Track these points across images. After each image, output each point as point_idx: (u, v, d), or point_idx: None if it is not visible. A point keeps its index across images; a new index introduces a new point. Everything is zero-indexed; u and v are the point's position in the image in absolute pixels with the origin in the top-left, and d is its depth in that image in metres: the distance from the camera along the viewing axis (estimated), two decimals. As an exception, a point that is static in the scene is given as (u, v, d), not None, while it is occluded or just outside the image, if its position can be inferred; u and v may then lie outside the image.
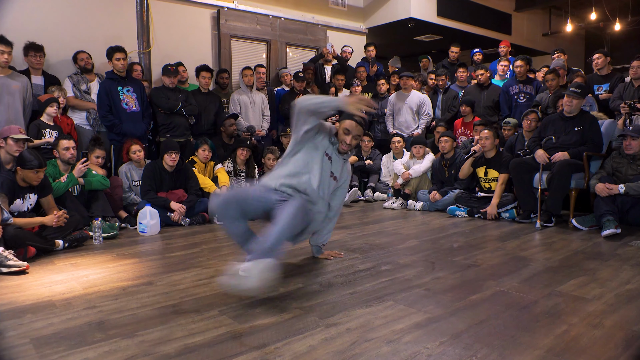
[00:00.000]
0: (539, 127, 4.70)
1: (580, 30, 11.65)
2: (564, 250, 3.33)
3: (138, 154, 4.80)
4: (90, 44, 5.37)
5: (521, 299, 2.33)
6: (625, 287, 2.48)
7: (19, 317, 2.17)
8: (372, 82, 7.13)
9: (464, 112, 6.09)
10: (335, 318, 2.08)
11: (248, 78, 6.01)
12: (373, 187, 6.24)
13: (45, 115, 4.53)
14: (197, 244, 3.76)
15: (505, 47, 7.12)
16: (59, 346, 1.84)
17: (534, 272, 2.79)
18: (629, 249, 3.31)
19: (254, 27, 7.20)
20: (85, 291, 2.55)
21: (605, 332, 1.91)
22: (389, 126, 6.60)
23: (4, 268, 2.87)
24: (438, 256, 3.20)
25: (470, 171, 4.95)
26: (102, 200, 4.31)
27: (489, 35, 9.56)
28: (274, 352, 1.76)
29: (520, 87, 5.87)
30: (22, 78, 4.64)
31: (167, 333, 1.96)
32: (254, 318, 2.11)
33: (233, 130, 5.75)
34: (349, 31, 8.52)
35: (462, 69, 6.82)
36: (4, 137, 3.87)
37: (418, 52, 8.94)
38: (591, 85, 5.36)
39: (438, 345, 1.81)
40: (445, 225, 4.41)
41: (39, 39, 4.92)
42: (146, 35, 5.96)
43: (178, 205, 4.49)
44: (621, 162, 4.10)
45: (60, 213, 3.52)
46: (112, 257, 3.35)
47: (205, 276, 2.80)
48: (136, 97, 5.07)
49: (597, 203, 3.91)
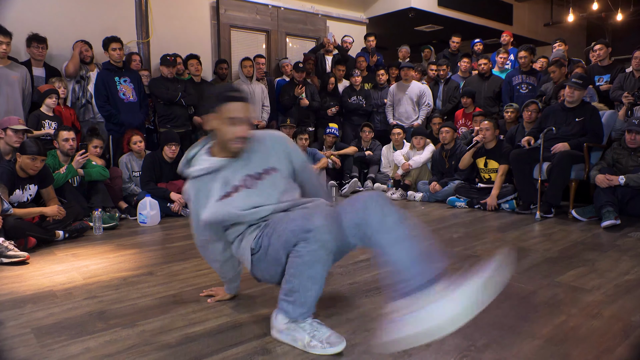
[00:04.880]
0: (539, 117, 4.69)
1: (581, 21, 11.56)
2: (563, 241, 3.33)
3: (139, 145, 4.80)
4: (90, 34, 5.33)
5: (520, 289, 2.33)
6: (624, 278, 2.48)
7: (20, 307, 2.18)
8: (372, 72, 7.10)
9: (465, 104, 6.06)
10: (335, 308, 2.08)
11: (247, 69, 5.98)
12: (373, 178, 6.24)
13: (44, 107, 4.52)
14: (197, 234, 3.76)
15: (508, 36, 7.07)
16: (60, 336, 1.85)
17: (534, 263, 2.79)
18: (628, 240, 3.31)
19: (254, 17, 7.15)
20: (86, 281, 2.56)
21: (603, 323, 1.92)
22: (389, 117, 6.58)
23: (4, 258, 2.88)
24: (438, 246, 3.19)
25: (471, 162, 4.94)
26: (102, 191, 4.31)
27: (490, 25, 9.49)
28: (274, 341, 1.77)
29: (523, 77, 5.83)
30: (21, 69, 4.62)
31: (168, 323, 1.97)
32: (254, 308, 2.12)
33: None
34: (349, 21, 8.46)
35: (465, 59, 6.77)
36: (3, 127, 3.86)
37: (419, 43, 8.89)
38: (592, 76, 5.33)
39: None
40: (445, 216, 4.41)
41: (40, 30, 4.89)
42: (145, 25, 5.92)
43: (178, 196, 4.49)
44: (622, 154, 4.09)
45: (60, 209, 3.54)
46: (112, 247, 3.36)
47: (206, 266, 2.80)
48: (133, 88, 5.06)
49: (597, 194, 3.91)
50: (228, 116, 1.75)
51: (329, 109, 6.47)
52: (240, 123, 1.76)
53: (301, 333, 1.69)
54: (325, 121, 6.50)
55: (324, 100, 6.55)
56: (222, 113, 1.76)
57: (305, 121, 6.41)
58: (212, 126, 1.80)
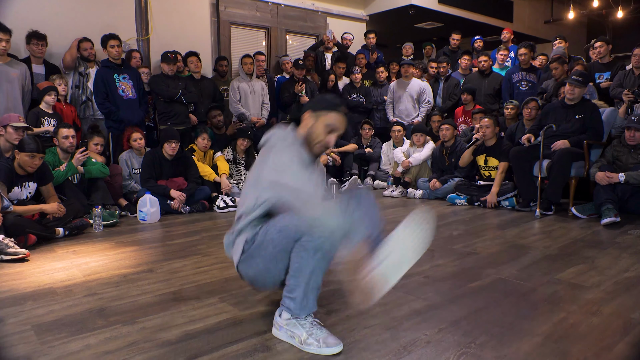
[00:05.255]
0: (539, 115, 4.69)
1: (582, 18, 11.54)
2: (563, 239, 3.34)
3: (139, 142, 4.80)
4: (90, 31, 5.31)
5: (520, 286, 2.34)
6: (623, 275, 2.49)
7: (20, 304, 2.18)
8: (372, 69, 7.09)
9: (465, 100, 6.06)
10: (335, 305, 2.09)
11: (248, 66, 5.97)
12: (373, 175, 6.24)
13: (43, 104, 4.51)
14: (197, 231, 3.77)
15: (508, 34, 7.06)
16: (60, 332, 1.85)
17: (533, 260, 2.79)
18: (628, 237, 3.32)
19: (254, 14, 7.14)
20: (86, 278, 2.56)
21: (603, 320, 1.92)
22: (389, 114, 6.57)
23: (4, 256, 2.88)
24: (437, 244, 3.20)
25: (471, 159, 4.94)
26: (102, 188, 4.31)
27: (490, 22, 9.48)
28: (274, 338, 1.78)
29: (523, 74, 5.83)
30: (21, 66, 4.61)
31: (168, 320, 1.97)
32: (255, 305, 2.12)
33: (218, 121, 5.70)
34: (349, 18, 8.44)
35: (466, 57, 6.76)
36: (3, 125, 3.86)
37: (419, 40, 8.87)
38: (592, 73, 5.32)
39: (437, 332, 1.82)
40: (445, 214, 4.41)
41: (40, 27, 4.88)
42: (145, 22, 5.91)
43: (178, 193, 4.49)
44: (622, 151, 4.09)
45: (60, 207, 3.54)
46: (112, 244, 3.36)
47: (206, 263, 2.80)
48: (132, 85, 5.06)
49: (597, 191, 3.91)
50: (329, 122, 1.86)
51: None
52: (334, 133, 1.88)
53: (299, 330, 1.71)
54: (325, 118, 6.49)
55: (323, 98, 6.54)
56: (326, 118, 1.87)
57: (305, 118, 6.39)
58: (309, 124, 1.89)
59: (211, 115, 5.66)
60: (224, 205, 4.68)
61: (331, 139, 1.89)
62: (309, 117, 1.90)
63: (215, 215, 4.48)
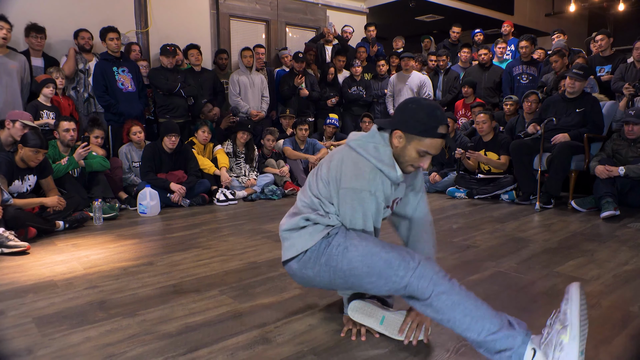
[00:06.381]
0: (539, 108, 4.68)
1: (583, 11, 11.47)
2: (562, 232, 3.34)
3: (139, 135, 4.79)
4: (89, 24, 5.28)
5: (519, 279, 2.34)
6: (623, 268, 2.49)
7: (21, 296, 2.19)
8: (372, 62, 7.07)
9: (466, 94, 6.04)
10: (335, 298, 2.09)
11: (247, 59, 5.95)
12: (373, 169, 6.23)
13: (42, 96, 4.49)
14: (197, 224, 3.77)
15: (509, 26, 7.03)
16: (61, 325, 1.86)
17: (533, 253, 2.80)
18: (627, 231, 3.32)
19: (253, 6, 7.10)
20: (87, 271, 2.56)
21: (602, 313, 1.93)
22: (390, 107, 6.55)
23: (5, 249, 2.88)
24: (437, 237, 3.17)
25: (477, 163, 4.91)
26: (102, 181, 4.31)
27: (491, 15, 9.42)
28: (274, 331, 1.78)
29: (524, 67, 5.81)
30: (20, 57, 4.59)
31: (168, 312, 1.98)
32: (254, 298, 2.13)
33: (213, 115, 5.68)
34: (349, 11, 8.39)
35: (466, 49, 6.74)
36: (13, 119, 3.86)
37: (419, 33, 8.83)
38: (593, 66, 5.30)
39: (436, 324, 1.82)
40: (445, 207, 4.42)
41: (38, 20, 4.85)
42: (144, 15, 5.88)
43: (178, 187, 4.49)
44: (621, 144, 4.08)
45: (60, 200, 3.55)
46: (112, 237, 3.36)
47: (206, 256, 2.81)
48: (132, 77, 5.04)
49: (597, 185, 3.91)
50: (425, 149, 1.67)
51: (329, 100, 6.45)
52: (428, 156, 1.70)
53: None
54: (325, 112, 6.48)
55: (323, 91, 6.52)
56: (423, 144, 1.66)
57: (305, 111, 6.39)
58: (400, 145, 1.70)
59: (206, 110, 5.65)
60: (223, 199, 4.68)
61: (425, 163, 1.70)
62: (399, 136, 1.69)
63: (215, 209, 4.48)
